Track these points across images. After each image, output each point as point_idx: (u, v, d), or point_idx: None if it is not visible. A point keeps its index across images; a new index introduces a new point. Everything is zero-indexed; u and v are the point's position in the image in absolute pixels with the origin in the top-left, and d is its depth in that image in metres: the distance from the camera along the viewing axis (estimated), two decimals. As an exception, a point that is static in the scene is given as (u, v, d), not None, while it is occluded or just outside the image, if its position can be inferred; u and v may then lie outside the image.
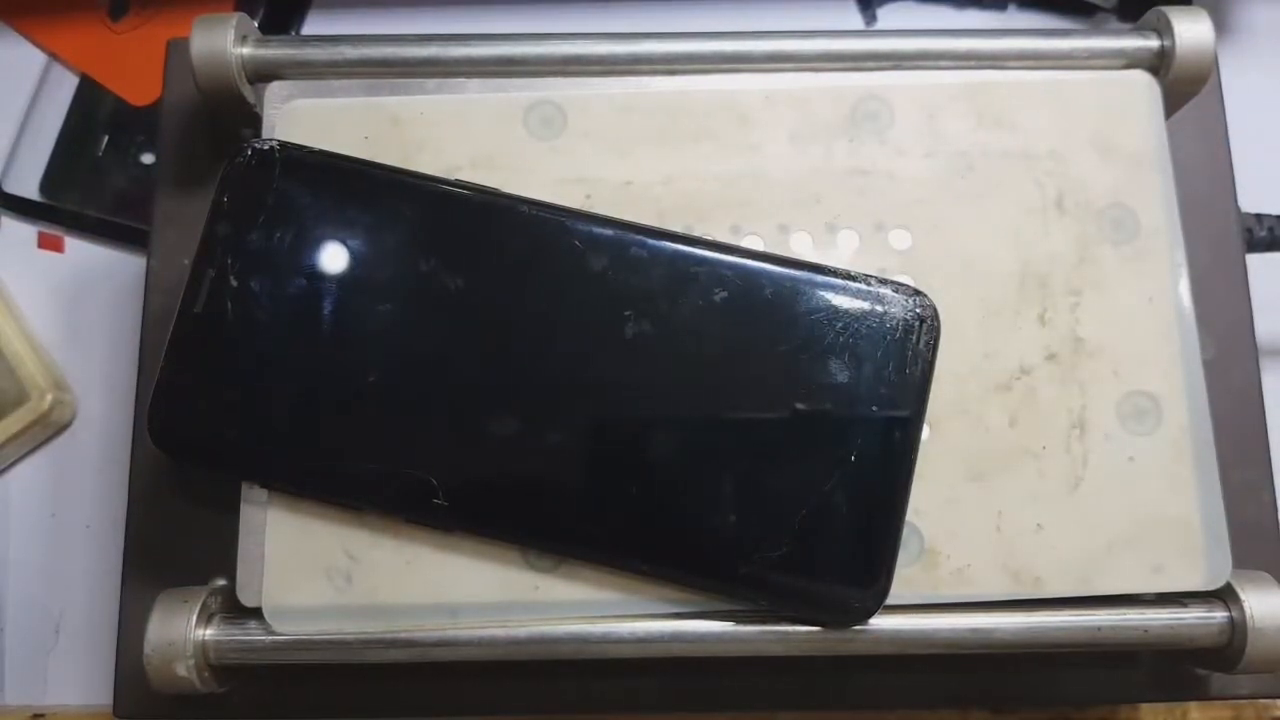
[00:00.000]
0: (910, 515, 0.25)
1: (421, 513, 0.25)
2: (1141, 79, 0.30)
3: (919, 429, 0.25)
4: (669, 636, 0.25)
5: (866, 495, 0.24)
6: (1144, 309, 0.28)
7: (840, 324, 0.25)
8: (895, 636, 0.26)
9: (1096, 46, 0.30)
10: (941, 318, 0.25)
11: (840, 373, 0.24)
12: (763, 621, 0.25)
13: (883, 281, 0.25)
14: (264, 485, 0.26)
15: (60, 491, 0.38)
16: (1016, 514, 0.26)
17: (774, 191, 0.28)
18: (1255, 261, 0.33)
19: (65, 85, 0.42)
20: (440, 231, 0.26)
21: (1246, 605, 0.26)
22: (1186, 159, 0.31)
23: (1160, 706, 0.34)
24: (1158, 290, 0.28)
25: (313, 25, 0.43)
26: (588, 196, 0.28)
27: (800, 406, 0.24)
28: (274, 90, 0.29)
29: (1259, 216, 0.35)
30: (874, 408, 0.24)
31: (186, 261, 0.30)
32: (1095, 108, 0.29)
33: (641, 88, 0.29)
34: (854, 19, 0.42)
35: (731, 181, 0.28)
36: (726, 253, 0.26)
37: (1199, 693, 0.29)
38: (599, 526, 0.25)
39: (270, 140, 0.27)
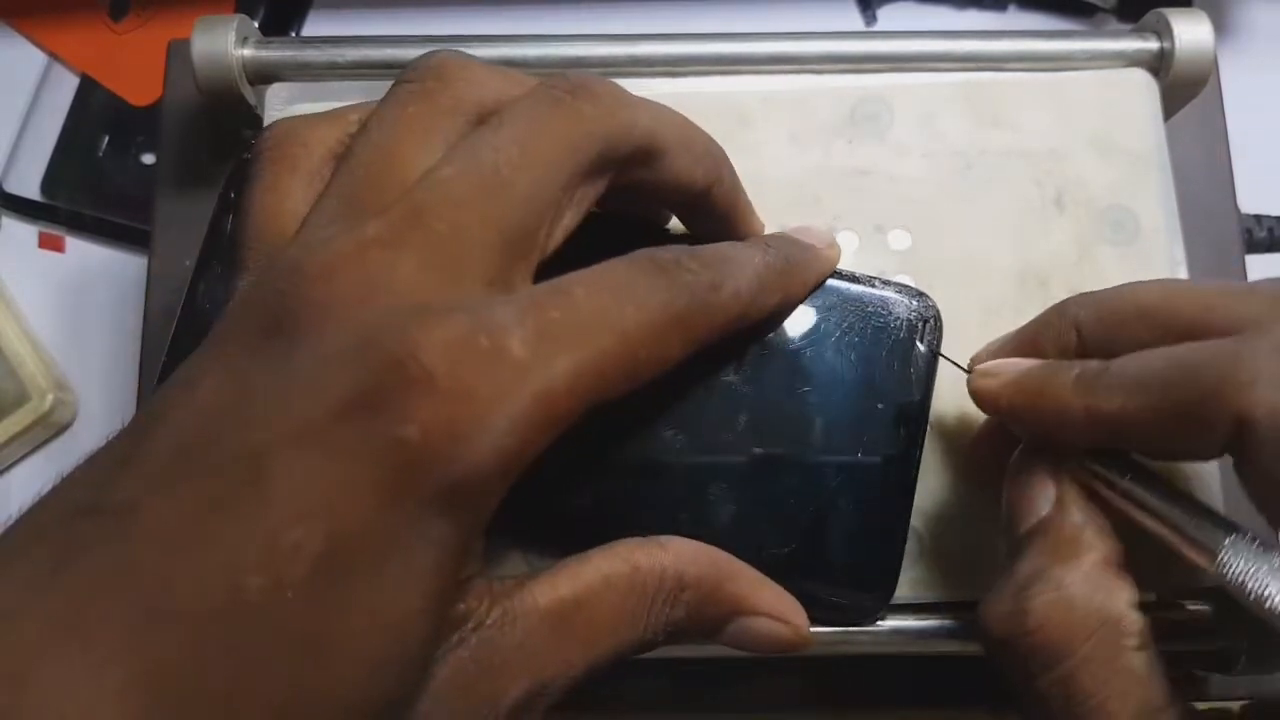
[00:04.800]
0: (912, 515, 0.25)
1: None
2: (1141, 78, 0.30)
3: (923, 429, 0.25)
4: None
5: (872, 495, 0.24)
6: (1144, 309, 0.28)
7: (844, 325, 0.25)
8: (896, 636, 0.26)
9: (1096, 48, 0.30)
10: (942, 317, 0.25)
11: (844, 374, 0.24)
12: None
13: (885, 283, 0.25)
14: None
15: (61, 491, 0.38)
16: (1016, 514, 0.26)
17: (774, 192, 0.28)
18: (1255, 262, 0.34)
19: (66, 85, 0.42)
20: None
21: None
22: (1186, 160, 0.31)
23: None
24: (1157, 290, 0.28)
25: (313, 26, 0.43)
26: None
27: (805, 407, 0.24)
28: (275, 92, 0.29)
29: (1259, 217, 0.35)
30: (878, 407, 0.24)
31: (188, 262, 0.30)
32: (1095, 107, 0.29)
33: (642, 89, 0.29)
34: (854, 19, 0.42)
35: (732, 182, 0.28)
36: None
37: (1199, 693, 0.29)
38: (599, 527, 0.25)
39: (273, 141, 0.27)
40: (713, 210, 0.24)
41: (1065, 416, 0.22)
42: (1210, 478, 0.26)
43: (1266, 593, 0.18)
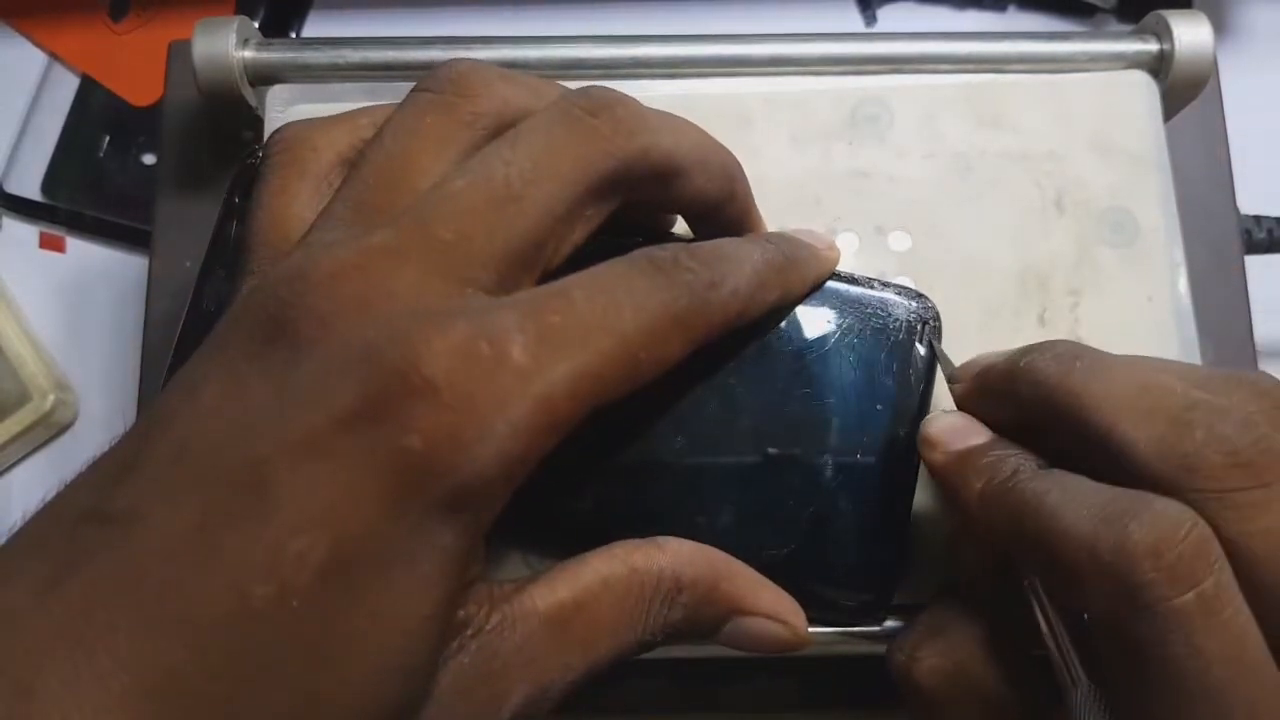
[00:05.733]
0: (912, 516, 0.25)
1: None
2: (1140, 79, 0.30)
3: (923, 429, 0.25)
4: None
5: (872, 495, 0.24)
6: (1143, 309, 0.28)
7: (843, 327, 0.25)
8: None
9: (1096, 50, 0.30)
10: (942, 319, 0.25)
11: (844, 375, 0.24)
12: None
13: (885, 284, 0.25)
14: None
15: (62, 492, 0.38)
16: (1016, 515, 0.26)
17: (774, 194, 0.28)
18: (1254, 263, 0.34)
19: (66, 85, 0.42)
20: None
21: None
22: (1186, 161, 0.31)
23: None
24: (1157, 290, 0.28)
25: (313, 26, 0.43)
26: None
27: (804, 408, 0.24)
28: (275, 94, 0.29)
29: (1258, 219, 0.35)
30: (878, 409, 0.25)
31: (188, 263, 0.31)
32: (1094, 108, 0.29)
33: (643, 91, 0.29)
34: (854, 20, 0.42)
35: (732, 184, 0.28)
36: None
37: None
38: (598, 528, 0.25)
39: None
40: (723, 222, 0.24)
41: (970, 521, 0.22)
42: None
43: None
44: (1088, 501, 0.19)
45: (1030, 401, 0.22)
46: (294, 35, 0.42)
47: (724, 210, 0.23)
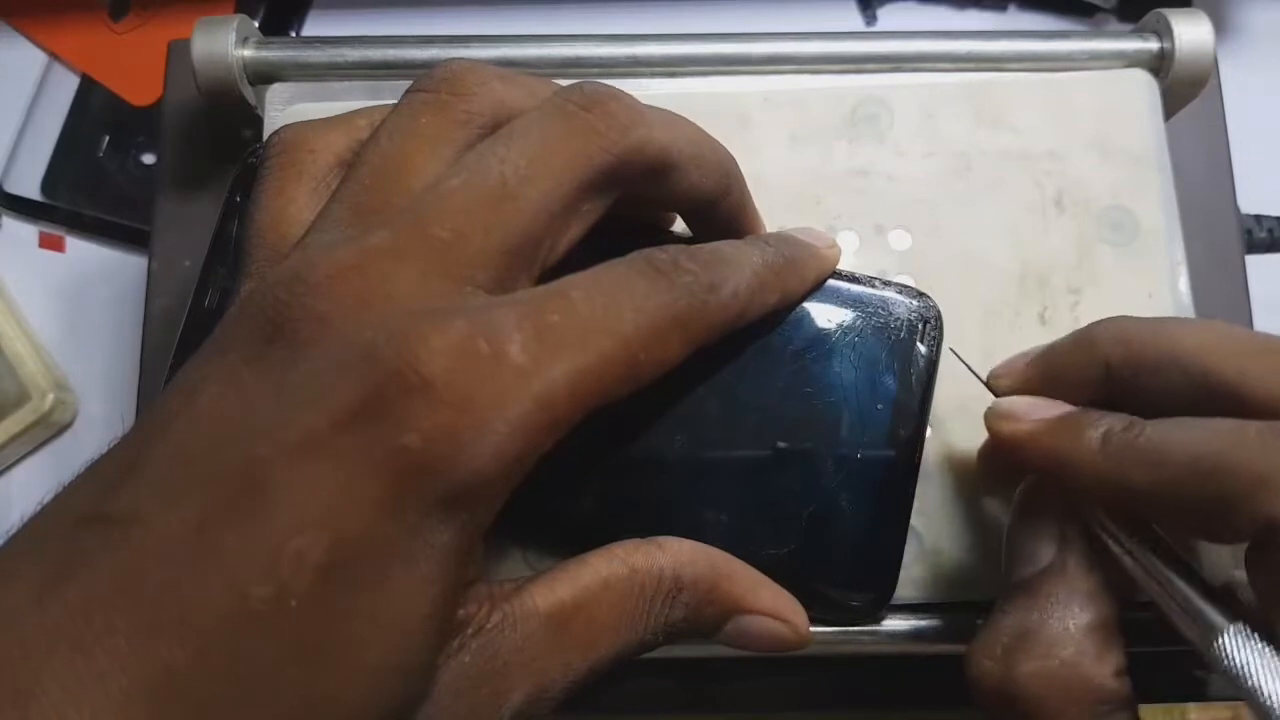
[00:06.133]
0: (912, 515, 0.25)
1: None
2: (1141, 77, 0.30)
3: (923, 429, 0.25)
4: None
5: (872, 495, 0.24)
6: (1143, 307, 0.28)
7: (844, 326, 0.25)
8: (896, 636, 0.26)
9: (1096, 49, 0.30)
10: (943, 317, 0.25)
11: (844, 374, 0.24)
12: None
13: (886, 283, 0.25)
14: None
15: (62, 492, 0.38)
16: (1016, 515, 0.26)
17: (774, 193, 0.28)
18: (1255, 263, 0.34)
19: (66, 85, 0.42)
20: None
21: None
22: (1187, 160, 0.31)
23: (1160, 706, 0.34)
24: (1157, 289, 0.28)
25: (313, 26, 0.43)
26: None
27: (805, 407, 0.24)
28: (275, 92, 0.29)
29: (1258, 218, 0.35)
30: (878, 407, 0.25)
31: (188, 263, 0.31)
32: (1094, 107, 0.29)
33: (642, 90, 0.29)
34: (854, 19, 0.42)
35: (732, 183, 0.28)
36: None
37: (1198, 693, 0.29)
38: (599, 527, 0.25)
39: (277, 142, 0.27)
40: (719, 218, 0.24)
41: (1088, 481, 0.21)
42: None
43: (1262, 688, 0.18)
44: (1235, 436, 0.19)
45: (1120, 361, 0.21)
46: (293, 34, 0.42)
47: (720, 206, 0.23)
